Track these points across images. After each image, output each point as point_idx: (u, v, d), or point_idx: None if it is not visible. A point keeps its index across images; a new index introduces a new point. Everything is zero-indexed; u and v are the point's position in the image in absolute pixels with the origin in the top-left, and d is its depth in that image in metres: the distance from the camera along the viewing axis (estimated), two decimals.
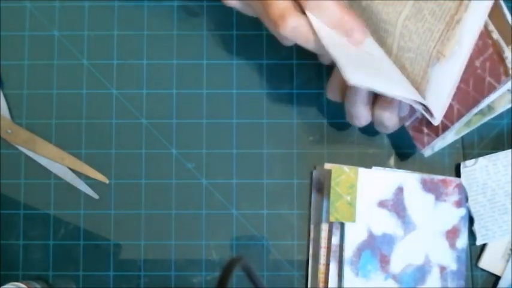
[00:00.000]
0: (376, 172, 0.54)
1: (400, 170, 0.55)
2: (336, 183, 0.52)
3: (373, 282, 0.53)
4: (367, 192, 0.53)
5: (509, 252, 0.55)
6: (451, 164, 0.57)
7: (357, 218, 0.52)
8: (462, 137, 0.57)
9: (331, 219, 0.51)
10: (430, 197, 0.54)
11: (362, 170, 0.53)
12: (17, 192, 0.56)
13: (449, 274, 0.54)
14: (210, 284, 0.55)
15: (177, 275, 0.55)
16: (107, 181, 0.56)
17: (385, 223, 0.53)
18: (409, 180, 0.54)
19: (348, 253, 0.52)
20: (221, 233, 0.56)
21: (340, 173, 0.52)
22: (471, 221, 0.55)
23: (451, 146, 0.57)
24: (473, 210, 0.55)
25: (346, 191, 0.52)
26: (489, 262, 0.55)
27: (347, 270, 0.52)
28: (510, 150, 0.55)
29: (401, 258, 0.53)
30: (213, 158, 0.56)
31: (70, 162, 0.56)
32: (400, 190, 0.54)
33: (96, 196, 0.56)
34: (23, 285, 0.48)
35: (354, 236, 0.53)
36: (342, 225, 0.53)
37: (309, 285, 0.55)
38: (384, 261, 0.53)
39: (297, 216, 0.56)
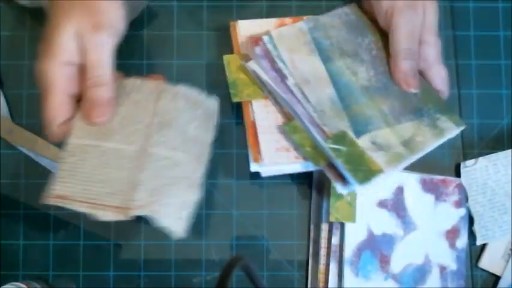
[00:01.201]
0: None
1: (400, 170, 0.55)
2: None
3: (373, 282, 0.53)
4: (367, 192, 0.53)
5: (509, 252, 0.55)
6: (451, 164, 0.57)
7: (357, 218, 0.52)
8: (462, 137, 0.57)
9: (331, 219, 0.51)
10: (430, 197, 0.54)
11: None
12: (17, 192, 0.56)
13: (449, 274, 0.54)
14: (210, 284, 0.55)
15: (177, 275, 0.55)
16: None
17: (385, 223, 0.53)
18: (409, 180, 0.54)
19: (348, 253, 0.52)
20: (221, 233, 0.56)
21: None
22: (471, 221, 0.55)
23: (451, 146, 0.57)
24: (473, 210, 0.55)
25: None
26: (489, 262, 0.55)
27: (347, 270, 0.52)
28: (510, 150, 0.55)
29: (402, 258, 0.53)
30: (213, 158, 0.56)
31: None
32: (400, 190, 0.54)
33: None
34: (23, 285, 0.48)
35: (354, 236, 0.53)
36: (342, 225, 0.53)
37: (309, 285, 0.55)
38: (384, 261, 0.53)
39: (297, 216, 0.56)
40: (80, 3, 0.45)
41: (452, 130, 0.51)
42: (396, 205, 0.54)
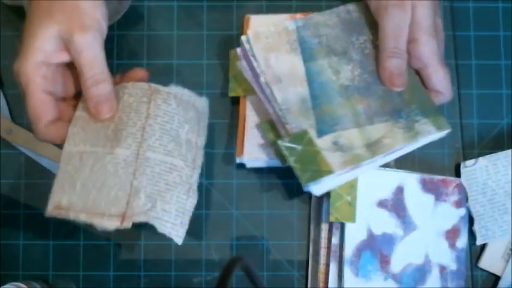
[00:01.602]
0: (376, 172, 0.54)
1: (400, 170, 0.55)
2: None
3: (373, 283, 0.53)
4: (367, 192, 0.53)
5: (509, 252, 0.55)
6: (451, 164, 0.57)
7: (356, 218, 0.52)
8: (462, 137, 0.57)
9: (331, 219, 0.51)
10: (430, 197, 0.54)
11: None
12: (17, 192, 0.56)
13: (449, 274, 0.54)
14: (210, 284, 0.55)
15: (177, 275, 0.55)
16: None
17: (385, 223, 0.53)
18: (409, 180, 0.54)
19: (348, 253, 0.52)
20: (221, 233, 0.56)
21: None
22: (471, 221, 0.55)
23: (451, 146, 0.57)
24: (473, 210, 0.55)
25: (346, 191, 0.52)
26: (489, 262, 0.55)
27: (347, 270, 0.52)
28: (510, 150, 0.55)
29: (402, 258, 0.53)
30: (213, 158, 0.56)
31: None
32: (400, 190, 0.54)
33: None
34: (23, 285, 0.48)
35: (354, 236, 0.53)
36: (342, 225, 0.53)
37: (309, 285, 0.55)
38: (384, 261, 0.53)
39: (297, 216, 0.56)
40: (61, 6, 0.45)
41: (430, 133, 0.50)
42: (396, 205, 0.54)
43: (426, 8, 0.50)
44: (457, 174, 0.56)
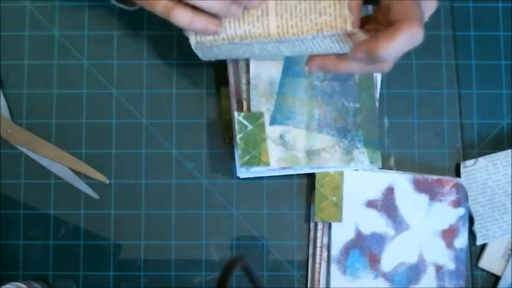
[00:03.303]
0: (363, 173, 0.54)
1: (389, 171, 0.55)
2: (321, 185, 0.53)
3: (361, 281, 0.53)
4: (355, 193, 0.53)
5: (509, 252, 0.55)
6: (451, 164, 0.57)
7: (344, 218, 0.52)
8: (462, 137, 0.57)
9: (316, 219, 0.52)
10: (424, 197, 0.54)
11: (347, 172, 0.53)
12: (17, 192, 0.56)
13: (447, 274, 0.54)
14: (210, 284, 0.55)
15: (177, 275, 0.55)
16: (107, 181, 0.56)
17: (374, 223, 0.53)
18: (400, 180, 0.54)
19: (335, 252, 0.52)
20: (221, 233, 0.56)
21: (324, 175, 0.53)
22: (471, 221, 0.55)
23: (451, 146, 0.57)
24: (473, 210, 0.55)
25: (332, 192, 0.53)
26: (489, 262, 0.55)
27: (334, 269, 0.52)
28: (510, 150, 0.55)
29: (393, 257, 0.53)
30: (213, 157, 0.56)
31: (70, 162, 0.56)
32: (390, 190, 0.54)
33: (96, 196, 0.56)
34: (23, 285, 0.48)
35: (341, 235, 0.53)
36: (330, 225, 0.53)
37: (308, 285, 0.55)
38: (374, 260, 0.53)
39: (297, 216, 0.56)
40: None
41: (362, 164, 0.53)
42: (386, 205, 0.54)
43: None
44: (457, 174, 0.56)
